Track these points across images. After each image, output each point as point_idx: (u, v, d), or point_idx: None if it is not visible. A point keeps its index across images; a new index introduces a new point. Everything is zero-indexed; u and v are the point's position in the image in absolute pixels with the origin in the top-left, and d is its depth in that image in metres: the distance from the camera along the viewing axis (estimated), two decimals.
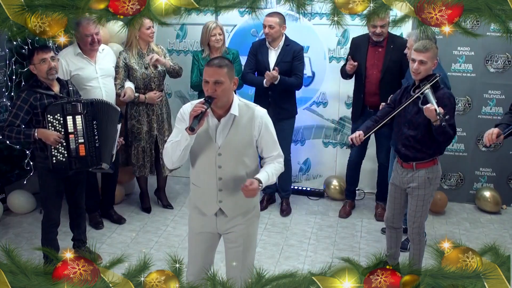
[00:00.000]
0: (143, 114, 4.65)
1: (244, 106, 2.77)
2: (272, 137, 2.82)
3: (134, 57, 4.55)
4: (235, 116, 2.72)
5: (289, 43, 4.65)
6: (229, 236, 2.92)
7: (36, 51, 3.60)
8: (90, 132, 3.67)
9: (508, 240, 4.55)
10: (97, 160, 3.73)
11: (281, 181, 4.99)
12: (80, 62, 4.26)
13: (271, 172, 2.76)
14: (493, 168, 5.15)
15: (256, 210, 2.96)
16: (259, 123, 2.76)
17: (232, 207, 2.84)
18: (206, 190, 2.83)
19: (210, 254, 3.02)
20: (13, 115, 3.57)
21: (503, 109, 4.95)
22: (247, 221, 2.90)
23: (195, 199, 2.91)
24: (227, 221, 2.87)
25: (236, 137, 2.73)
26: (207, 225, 2.91)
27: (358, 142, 3.39)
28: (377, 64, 4.49)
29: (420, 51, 3.30)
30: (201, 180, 2.83)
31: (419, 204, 3.50)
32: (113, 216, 4.78)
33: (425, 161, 3.45)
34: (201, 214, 2.90)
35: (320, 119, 5.27)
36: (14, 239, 4.39)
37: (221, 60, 2.69)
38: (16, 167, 4.90)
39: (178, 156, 2.70)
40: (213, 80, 2.63)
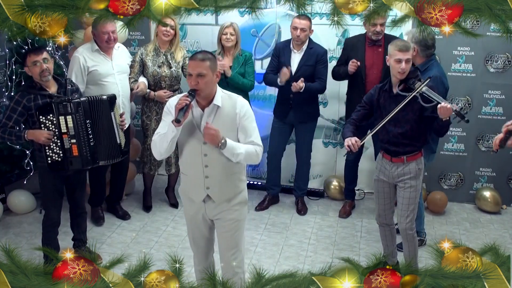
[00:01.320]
0: (152, 111, 4.69)
1: (226, 97, 2.92)
2: (251, 124, 2.93)
3: (150, 54, 4.60)
4: (218, 106, 2.86)
5: (313, 46, 4.64)
6: (218, 222, 3.06)
7: (28, 54, 3.60)
8: (83, 131, 3.64)
9: (508, 240, 4.55)
10: (92, 159, 3.72)
11: (298, 180, 5.03)
12: (97, 58, 4.34)
13: (241, 145, 2.87)
14: (493, 168, 5.15)
15: (242, 196, 3.06)
16: (239, 111, 2.89)
17: (219, 193, 2.97)
18: (194, 178, 2.97)
19: (210, 237, 3.16)
20: (6, 117, 3.59)
21: (503, 109, 4.96)
22: (233, 207, 3.02)
23: (185, 187, 3.07)
24: (215, 207, 3.00)
25: (219, 126, 2.83)
26: (198, 211, 3.05)
27: (356, 149, 3.40)
28: (376, 64, 4.49)
29: (405, 50, 3.34)
30: (188, 168, 2.98)
31: (412, 195, 3.53)
32: (119, 212, 4.81)
33: (414, 154, 3.50)
34: (191, 201, 3.05)
35: (320, 119, 5.27)
36: (14, 239, 4.39)
37: (204, 54, 2.83)
38: (16, 167, 4.90)
39: (166, 148, 2.87)
40: (196, 73, 2.76)
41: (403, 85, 3.40)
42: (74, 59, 4.31)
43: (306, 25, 4.49)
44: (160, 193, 5.21)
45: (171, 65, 4.61)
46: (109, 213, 4.83)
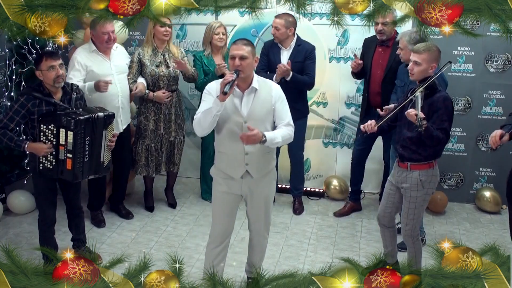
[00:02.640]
0: (150, 112, 4.67)
1: (262, 82, 3.24)
2: (284, 107, 3.25)
3: (148, 54, 4.59)
4: (256, 89, 3.17)
5: (301, 43, 4.64)
6: (253, 198, 3.33)
7: (45, 57, 3.54)
8: (80, 148, 3.60)
9: (508, 240, 4.53)
10: (83, 174, 3.70)
11: (294, 180, 5.02)
12: (95, 58, 4.34)
13: (278, 133, 3.16)
14: (493, 168, 5.15)
15: (273, 171, 3.40)
16: (275, 95, 3.21)
17: (257, 168, 3.24)
18: (234, 155, 3.20)
19: (233, 216, 3.41)
20: (8, 118, 3.56)
21: (503, 109, 4.96)
22: (267, 182, 3.35)
23: (223, 165, 3.28)
24: (252, 182, 3.26)
25: (258, 106, 3.16)
26: (234, 187, 3.29)
27: (371, 130, 3.44)
28: (381, 64, 4.50)
29: (416, 52, 3.33)
30: (228, 146, 3.21)
31: (411, 206, 3.50)
32: (122, 211, 4.82)
33: (420, 163, 3.44)
34: (228, 178, 3.27)
35: (320, 119, 5.27)
36: (14, 239, 4.39)
37: (245, 40, 3.15)
38: (16, 167, 4.90)
39: (210, 122, 3.09)
40: (240, 55, 3.05)
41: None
42: (73, 60, 4.31)
43: (280, 24, 4.51)
44: (160, 193, 5.21)
45: (168, 65, 4.61)
46: (110, 213, 4.83)
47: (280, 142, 3.15)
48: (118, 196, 4.85)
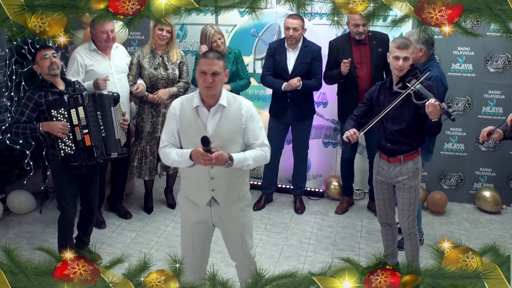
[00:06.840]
0: (147, 113, 4.67)
1: (231, 98, 2.92)
2: (258, 124, 2.92)
3: (146, 56, 4.59)
4: (224, 106, 2.85)
5: (308, 44, 4.65)
6: (226, 227, 3.03)
7: (38, 50, 3.72)
8: (94, 122, 3.67)
9: (508, 240, 4.55)
10: (105, 150, 3.72)
11: (296, 179, 5.03)
12: (95, 57, 4.36)
13: (248, 154, 2.84)
14: (493, 168, 5.15)
15: (247, 198, 3.06)
16: (245, 112, 2.88)
17: (224, 195, 2.93)
18: (199, 180, 2.91)
19: (207, 246, 3.12)
20: (18, 113, 3.64)
21: (503, 109, 4.96)
22: (239, 209, 3.00)
23: (188, 191, 3.00)
24: (221, 210, 2.96)
25: (225, 126, 2.84)
26: (202, 216, 2.99)
27: (355, 139, 3.42)
28: (365, 62, 4.52)
29: (403, 48, 3.35)
30: (192, 170, 2.89)
31: (411, 196, 3.53)
32: (120, 211, 4.83)
33: (411, 153, 3.50)
34: (194, 205, 2.98)
35: (320, 119, 5.27)
36: (14, 239, 4.39)
37: (217, 53, 2.86)
38: (16, 167, 4.90)
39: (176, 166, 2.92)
40: (212, 71, 2.75)
41: (401, 83, 3.41)
42: (72, 58, 4.33)
43: (298, 25, 4.51)
44: (160, 193, 5.22)
45: (167, 67, 4.60)
46: (109, 213, 4.84)
47: (251, 164, 2.84)
48: (116, 196, 4.86)
